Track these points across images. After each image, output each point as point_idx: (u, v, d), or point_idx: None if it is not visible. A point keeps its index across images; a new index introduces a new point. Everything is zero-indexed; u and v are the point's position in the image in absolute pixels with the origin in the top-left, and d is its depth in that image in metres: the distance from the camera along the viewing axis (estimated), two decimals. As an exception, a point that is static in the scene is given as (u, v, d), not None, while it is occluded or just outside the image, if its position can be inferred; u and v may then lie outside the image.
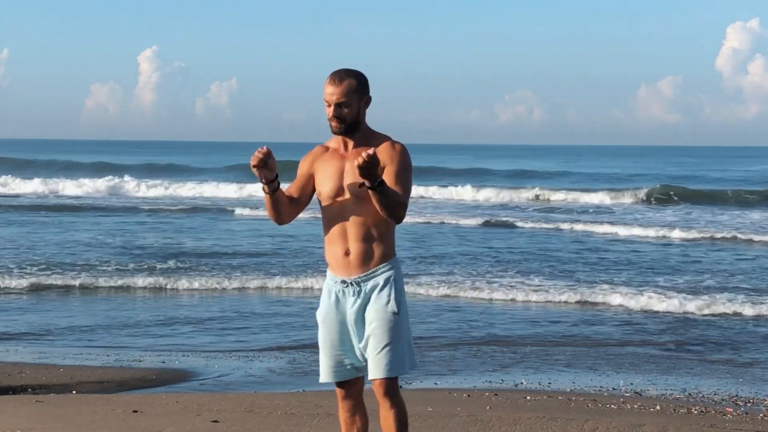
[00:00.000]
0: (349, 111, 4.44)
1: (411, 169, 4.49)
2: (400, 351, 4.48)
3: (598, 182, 49.39)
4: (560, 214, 32.40)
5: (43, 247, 20.39)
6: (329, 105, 4.45)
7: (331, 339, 4.56)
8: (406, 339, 4.53)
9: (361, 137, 4.49)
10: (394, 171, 4.42)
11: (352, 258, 4.47)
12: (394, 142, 4.50)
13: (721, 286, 15.82)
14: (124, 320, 13.21)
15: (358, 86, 4.45)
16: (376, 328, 4.45)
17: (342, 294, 4.52)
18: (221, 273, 16.87)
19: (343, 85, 4.43)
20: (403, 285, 4.57)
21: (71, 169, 56.70)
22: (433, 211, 32.10)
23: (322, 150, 4.60)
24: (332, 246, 4.52)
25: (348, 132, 4.48)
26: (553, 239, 24.17)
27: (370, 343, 4.47)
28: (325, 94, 4.45)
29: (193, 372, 9.96)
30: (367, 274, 4.47)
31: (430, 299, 14.96)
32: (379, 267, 4.48)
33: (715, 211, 32.68)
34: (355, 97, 4.44)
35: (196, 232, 25.01)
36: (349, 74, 4.47)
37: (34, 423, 6.86)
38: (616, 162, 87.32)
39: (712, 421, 7.68)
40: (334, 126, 4.46)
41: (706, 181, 50.44)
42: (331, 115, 4.45)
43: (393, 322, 4.47)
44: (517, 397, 8.67)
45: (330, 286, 4.56)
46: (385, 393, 4.47)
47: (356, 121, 4.47)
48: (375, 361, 4.45)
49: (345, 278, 4.49)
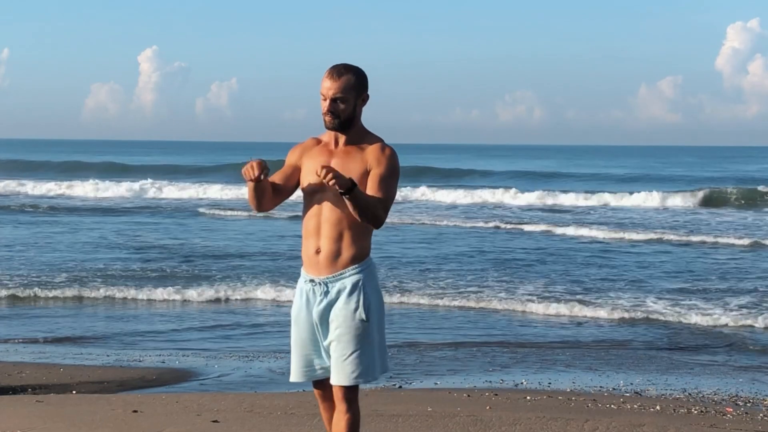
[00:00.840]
0: (345, 107, 4.36)
1: (398, 174, 4.41)
2: (369, 357, 4.41)
3: (636, 183, 47.87)
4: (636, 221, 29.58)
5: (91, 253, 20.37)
6: (325, 99, 4.37)
7: (302, 339, 4.49)
8: (377, 344, 4.44)
9: (354, 135, 4.42)
10: (379, 174, 4.35)
11: (322, 257, 4.39)
12: (384, 146, 4.43)
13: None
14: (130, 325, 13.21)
15: (356, 83, 4.38)
16: (343, 335, 4.37)
17: (311, 293, 4.44)
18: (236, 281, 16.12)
19: (341, 80, 4.36)
20: (376, 288, 4.46)
21: (87, 170, 56.36)
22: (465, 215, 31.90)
23: (314, 143, 4.52)
24: (306, 242, 4.45)
25: (341, 128, 4.40)
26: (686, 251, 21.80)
27: (334, 347, 4.39)
28: (322, 88, 4.38)
29: (193, 372, 9.96)
30: (335, 275, 4.39)
31: (437, 308, 14.93)
32: (348, 269, 4.39)
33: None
34: (352, 94, 4.37)
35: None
36: (348, 69, 4.39)
37: (34, 423, 6.86)
38: (621, 161, 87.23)
39: (712, 421, 7.67)
40: (327, 121, 4.39)
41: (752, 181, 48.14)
42: (326, 110, 4.37)
43: (361, 329, 4.38)
44: (517, 397, 8.67)
45: (301, 284, 4.50)
46: (343, 398, 4.42)
47: (351, 117, 4.40)
48: (341, 367, 4.38)
49: (314, 277, 4.42)
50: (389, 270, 17.16)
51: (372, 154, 4.39)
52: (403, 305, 14.38)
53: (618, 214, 32.37)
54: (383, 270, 16.70)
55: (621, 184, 48.50)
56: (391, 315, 12.74)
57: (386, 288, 14.76)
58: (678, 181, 51.69)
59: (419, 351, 11.30)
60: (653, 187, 40.51)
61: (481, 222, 29.10)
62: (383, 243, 21.27)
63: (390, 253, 20.05)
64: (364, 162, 4.37)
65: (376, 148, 4.40)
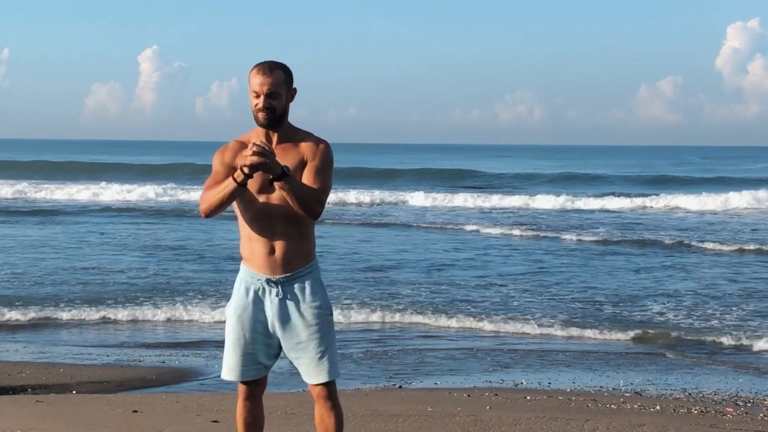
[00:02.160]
0: (278, 102, 4.34)
1: (332, 167, 4.41)
2: (336, 352, 4.50)
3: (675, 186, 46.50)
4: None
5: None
6: (258, 95, 4.33)
7: (245, 336, 4.46)
8: (335, 341, 4.52)
9: (285, 131, 4.40)
10: (314, 166, 4.35)
11: (277, 257, 4.37)
12: (318, 139, 4.44)
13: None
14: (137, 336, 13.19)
15: (286, 78, 4.38)
16: (316, 332, 4.40)
17: (262, 292, 4.42)
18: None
19: (273, 75, 4.34)
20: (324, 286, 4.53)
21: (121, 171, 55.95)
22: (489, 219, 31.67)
23: (240, 145, 4.44)
24: (254, 243, 4.40)
25: (276, 124, 4.37)
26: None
27: (307, 347, 4.41)
28: (254, 85, 4.34)
29: (193, 372, 9.96)
30: (293, 273, 4.39)
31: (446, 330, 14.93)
32: (304, 268, 4.42)
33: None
34: (284, 89, 4.36)
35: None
36: (278, 66, 4.39)
37: (34, 423, 6.86)
38: (624, 161, 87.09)
39: (712, 421, 7.67)
40: (261, 117, 4.34)
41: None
42: (261, 106, 4.33)
43: (329, 324, 4.45)
44: (517, 397, 8.67)
45: (248, 282, 4.45)
46: (328, 396, 4.46)
47: (284, 113, 4.39)
48: (317, 365, 4.41)
49: (269, 277, 4.40)
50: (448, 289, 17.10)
51: (308, 148, 4.38)
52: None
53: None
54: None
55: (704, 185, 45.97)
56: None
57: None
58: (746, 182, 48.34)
59: (419, 351, 11.30)
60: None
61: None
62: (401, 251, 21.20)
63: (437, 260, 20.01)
64: (300, 156, 4.36)
65: (310, 143, 4.40)
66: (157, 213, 31.09)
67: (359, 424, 6.88)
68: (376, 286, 15.59)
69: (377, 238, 23.80)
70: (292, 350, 4.45)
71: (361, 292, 14.83)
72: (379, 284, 15.77)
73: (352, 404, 7.47)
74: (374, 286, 15.58)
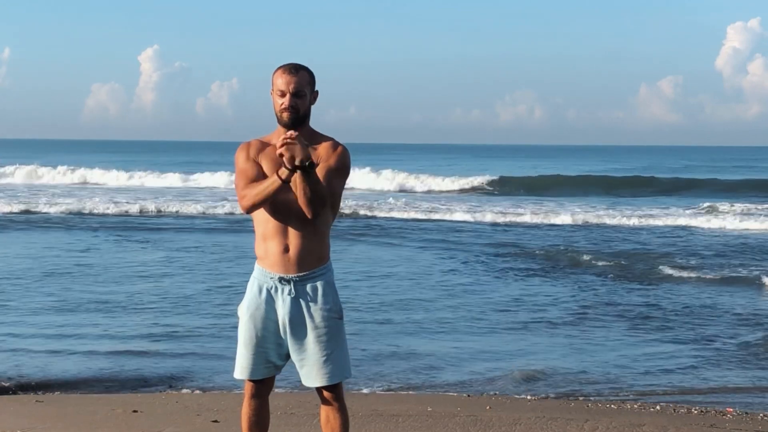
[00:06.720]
0: (303, 102, 4.39)
1: (347, 173, 4.44)
2: (346, 354, 4.52)
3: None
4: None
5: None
6: (283, 95, 4.37)
7: (258, 335, 4.49)
8: (346, 342, 4.54)
9: (306, 134, 4.41)
10: (327, 168, 4.37)
11: (291, 255, 4.39)
12: (336, 143, 4.46)
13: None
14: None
15: (310, 79, 4.43)
16: (323, 335, 4.43)
17: (275, 291, 4.44)
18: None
19: (299, 75, 4.38)
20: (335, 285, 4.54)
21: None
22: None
23: (261, 144, 4.49)
24: (269, 242, 4.42)
25: (299, 124, 4.40)
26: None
27: (313, 349, 4.43)
28: (280, 84, 4.37)
29: (193, 372, 9.95)
30: (306, 273, 4.41)
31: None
32: (318, 269, 4.44)
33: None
34: (308, 89, 4.41)
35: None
36: (302, 67, 4.44)
37: (34, 423, 6.86)
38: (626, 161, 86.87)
39: (712, 421, 7.67)
40: (286, 117, 4.38)
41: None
42: (286, 105, 4.36)
43: (338, 328, 4.46)
44: (517, 397, 8.67)
45: (261, 281, 4.47)
46: (335, 398, 4.49)
47: (306, 114, 4.43)
48: (323, 367, 4.43)
49: (282, 275, 4.42)
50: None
51: (325, 150, 4.41)
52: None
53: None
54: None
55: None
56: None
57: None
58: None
59: (420, 354, 11.27)
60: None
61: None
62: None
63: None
64: (317, 158, 4.38)
65: (328, 146, 4.43)
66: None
67: (359, 424, 6.88)
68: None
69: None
70: (297, 351, 4.46)
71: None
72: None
73: (352, 404, 7.43)
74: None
